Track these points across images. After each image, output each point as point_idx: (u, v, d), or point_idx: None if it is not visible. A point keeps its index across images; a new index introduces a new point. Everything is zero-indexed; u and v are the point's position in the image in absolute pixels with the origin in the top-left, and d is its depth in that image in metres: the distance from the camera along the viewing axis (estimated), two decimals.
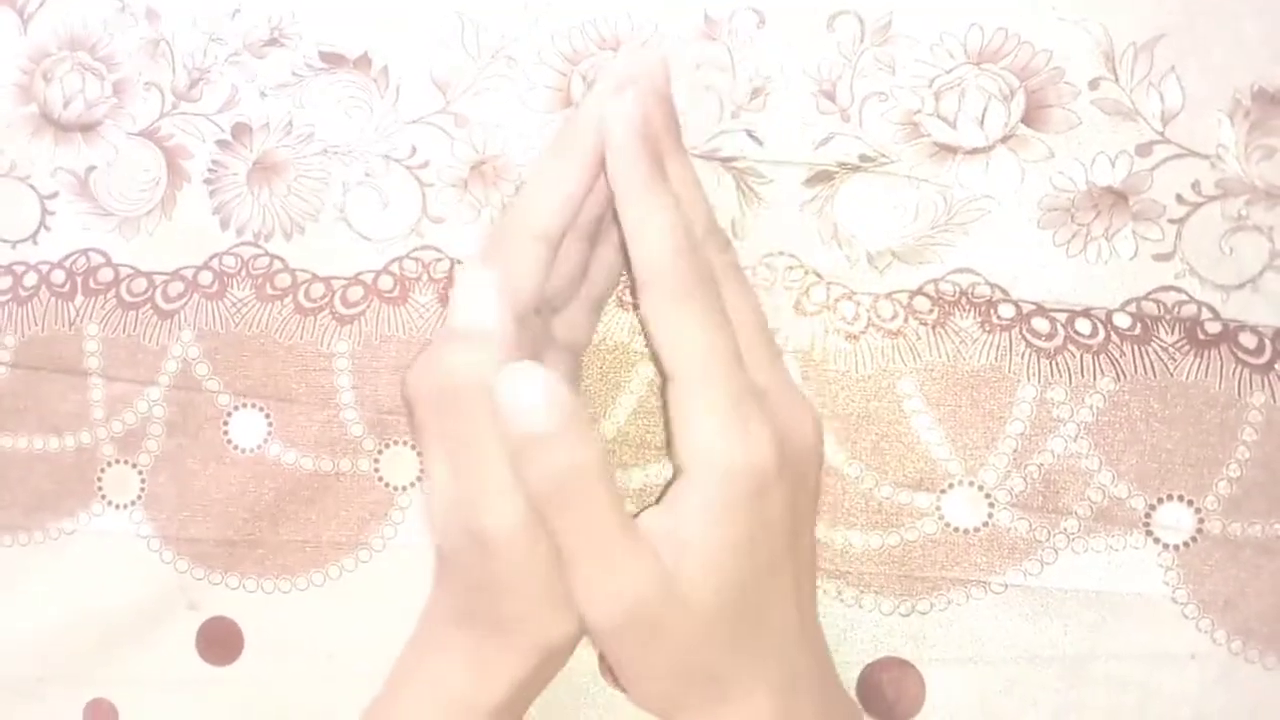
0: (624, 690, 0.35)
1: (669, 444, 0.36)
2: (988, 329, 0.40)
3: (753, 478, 0.32)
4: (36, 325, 0.45)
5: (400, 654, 0.39)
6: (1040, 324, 0.40)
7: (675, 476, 0.33)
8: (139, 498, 0.44)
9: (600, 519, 0.31)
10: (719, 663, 0.33)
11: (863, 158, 0.41)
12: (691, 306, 0.33)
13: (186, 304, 0.44)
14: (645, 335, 0.34)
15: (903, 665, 0.41)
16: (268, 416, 0.44)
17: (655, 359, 0.34)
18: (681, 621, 0.32)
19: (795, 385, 0.38)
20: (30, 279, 0.45)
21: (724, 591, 0.32)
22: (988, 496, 0.40)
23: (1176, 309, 0.40)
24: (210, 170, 0.44)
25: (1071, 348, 0.40)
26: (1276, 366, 0.40)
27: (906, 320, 0.41)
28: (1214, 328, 0.40)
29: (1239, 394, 0.40)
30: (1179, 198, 0.40)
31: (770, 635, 0.35)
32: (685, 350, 0.33)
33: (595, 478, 0.31)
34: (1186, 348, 0.40)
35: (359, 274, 0.43)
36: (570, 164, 0.35)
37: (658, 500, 0.35)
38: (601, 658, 0.42)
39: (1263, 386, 0.40)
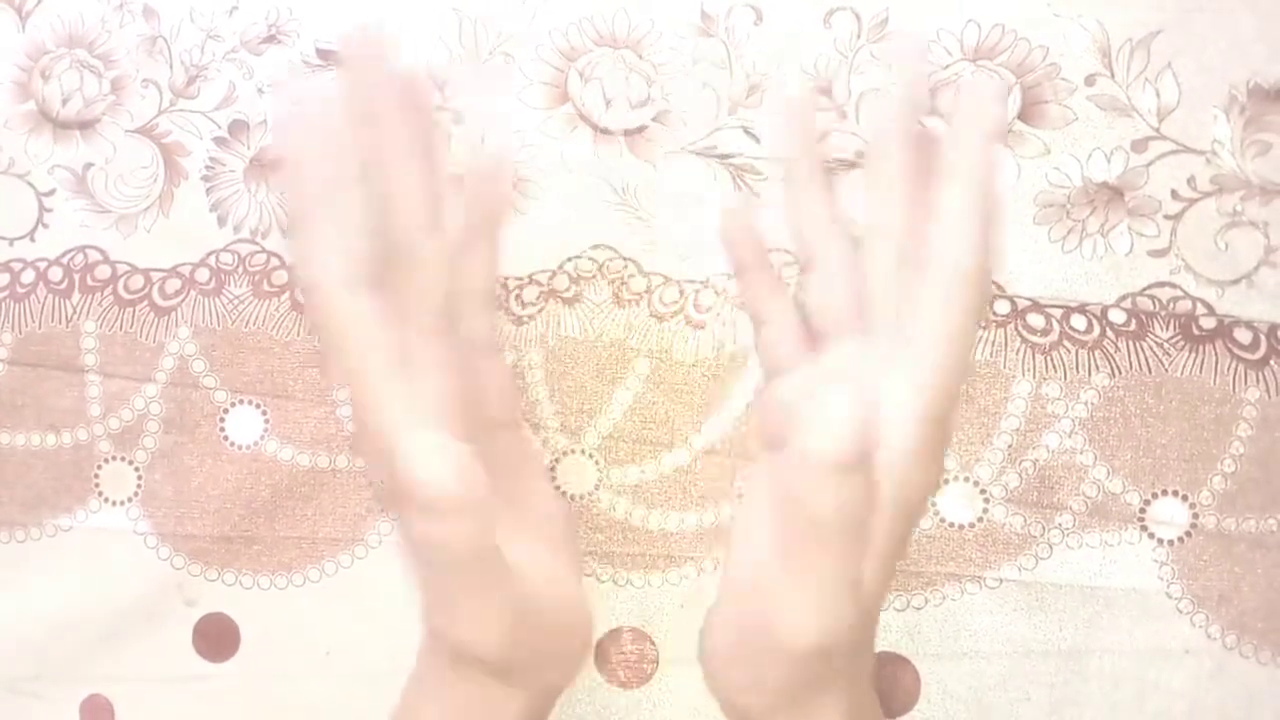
0: (714, 693, 0.34)
1: None
2: (983, 325, 0.40)
3: (925, 495, 0.31)
4: (34, 322, 0.45)
5: (403, 695, 0.38)
6: (1035, 320, 0.40)
7: None
8: (136, 494, 0.44)
9: (854, 556, 0.29)
10: (841, 667, 0.32)
11: (859, 154, 0.41)
12: (969, 319, 0.30)
13: (184, 301, 0.44)
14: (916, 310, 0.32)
15: (898, 660, 0.41)
16: (264, 413, 0.44)
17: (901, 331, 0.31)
18: (851, 636, 0.31)
19: None
20: (28, 276, 0.45)
21: (878, 600, 0.31)
22: (983, 492, 0.41)
23: (1172, 305, 0.40)
24: (208, 167, 0.44)
25: (1067, 343, 0.40)
26: (1271, 362, 0.40)
27: None
28: (1209, 323, 0.40)
29: (1234, 389, 0.40)
30: (1174, 193, 0.40)
31: (869, 638, 0.34)
32: (945, 349, 0.30)
33: (868, 514, 0.29)
34: (1181, 343, 0.40)
35: None
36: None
37: None
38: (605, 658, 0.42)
39: (1258, 382, 0.40)
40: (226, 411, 0.44)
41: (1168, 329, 0.40)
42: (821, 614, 0.29)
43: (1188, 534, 0.40)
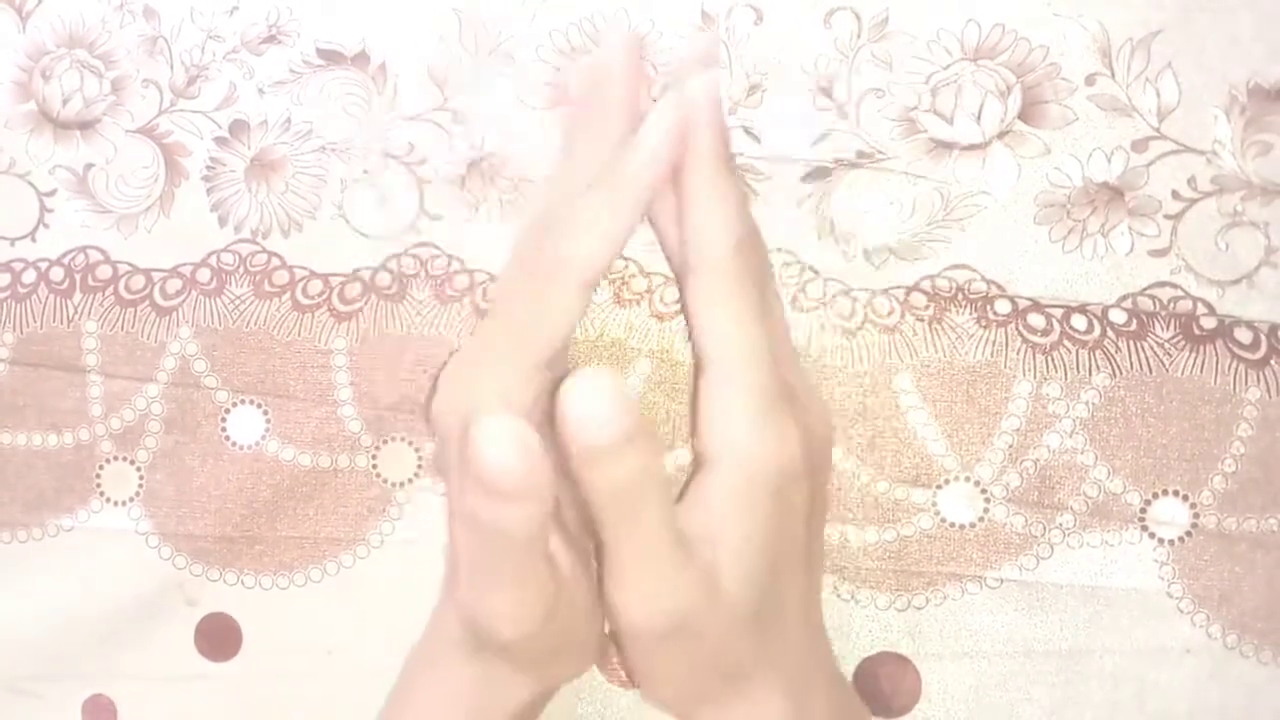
0: (635, 687, 0.35)
1: (693, 431, 0.35)
2: (984, 325, 0.40)
3: (779, 475, 0.32)
4: (35, 322, 0.45)
5: (405, 671, 0.39)
6: (1036, 320, 0.40)
7: (698, 467, 0.34)
8: (137, 494, 0.44)
9: (657, 530, 0.31)
10: (742, 659, 0.33)
11: (860, 154, 0.41)
12: (742, 300, 0.32)
13: (185, 301, 0.44)
14: (687, 320, 0.33)
15: (899, 660, 0.41)
16: (265, 413, 0.44)
17: (693, 345, 0.34)
18: (715, 621, 0.32)
19: (814, 385, 0.38)
20: (29, 276, 0.45)
21: (750, 585, 0.32)
22: (984, 492, 0.41)
23: (1172, 305, 0.40)
24: (208, 167, 0.44)
25: (1067, 343, 0.40)
26: (1272, 362, 0.40)
27: (903, 316, 0.41)
28: (1209, 323, 0.40)
29: (1234, 389, 0.40)
30: (1175, 194, 0.40)
31: (788, 631, 0.35)
32: (728, 342, 0.32)
33: (657, 488, 0.30)
34: (1182, 343, 0.40)
35: (357, 271, 0.43)
36: (625, 206, 0.32)
37: (680, 495, 0.35)
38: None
39: (1258, 382, 0.40)
40: (228, 411, 0.44)
41: (1168, 329, 0.40)
42: (645, 595, 0.30)
43: (1188, 534, 0.40)
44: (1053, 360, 0.40)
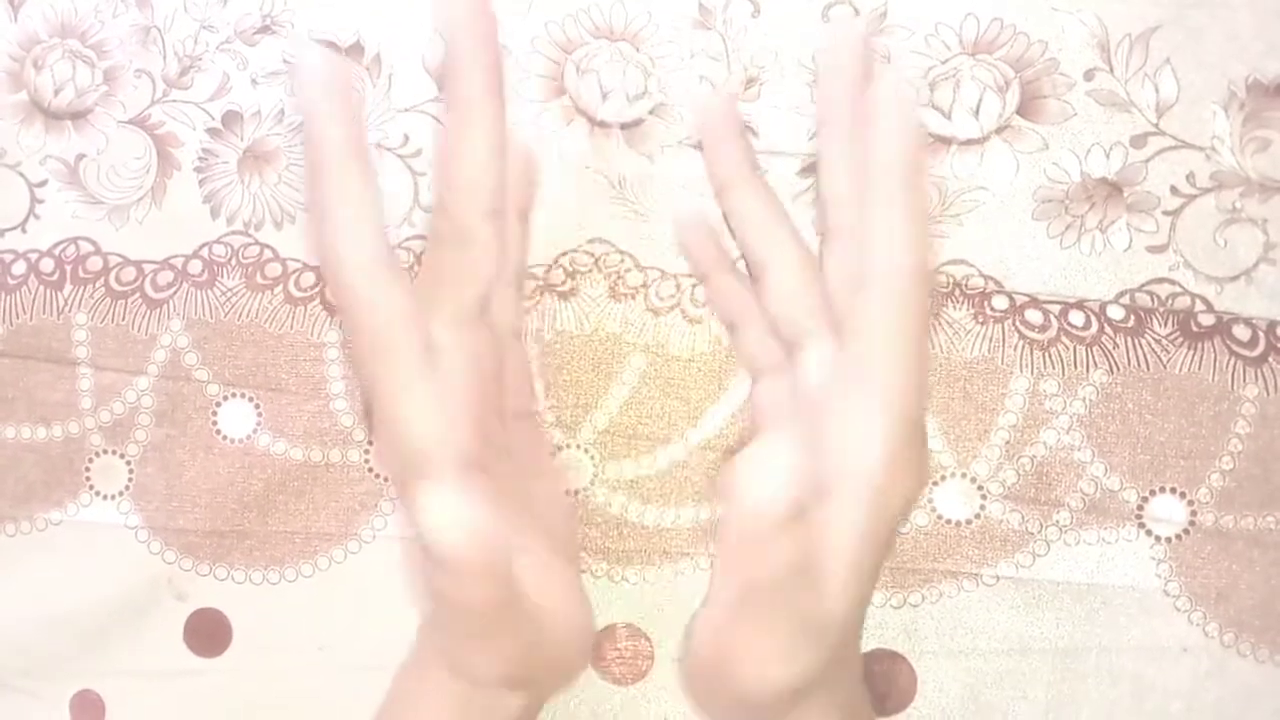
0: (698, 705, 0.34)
1: (816, 449, 0.30)
2: (981, 320, 0.40)
3: (904, 508, 0.29)
4: (25, 314, 0.45)
5: (394, 687, 0.38)
6: (1033, 315, 0.40)
7: (817, 493, 0.30)
8: (127, 488, 0.44)
9: None
10: (816, 678, 0.32)
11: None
12: (912, 321, 0.29)
13: (176, 293, 0.44)
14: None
15: (894, 657, 0.41)
16: (257, 406, 0.43)
17: (843, 358, 0.30)
18: (817, 649, 0.30)
19: None
20: (19, 267, 0.45)
21: (853, 609, 0.31)
22: (980, 488, 0.40)
23: (1170, 301, 0.40)
24: (201, 158, 0.44)
25: (1065, 339, 0.40)
26: (1270, 359, 0.39)
27: None
28: (1207, 320, 0.40)
29: (1232, 386, 0.40)
30: (1173, 190, 0.40)
31: (852, 647, 0.34)
32: (892, 366, 0.29)
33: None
34: (1180, 340, 0.40)
35: None
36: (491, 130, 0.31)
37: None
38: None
39: (1256, 379, 0.40)
40: (219, 405, 0.43)
41: (1166, 325, 0.40)
42: (780, 663, 0.29)
43: (1185, 531, 0.40)
44: (1050, 356, 0.40)
